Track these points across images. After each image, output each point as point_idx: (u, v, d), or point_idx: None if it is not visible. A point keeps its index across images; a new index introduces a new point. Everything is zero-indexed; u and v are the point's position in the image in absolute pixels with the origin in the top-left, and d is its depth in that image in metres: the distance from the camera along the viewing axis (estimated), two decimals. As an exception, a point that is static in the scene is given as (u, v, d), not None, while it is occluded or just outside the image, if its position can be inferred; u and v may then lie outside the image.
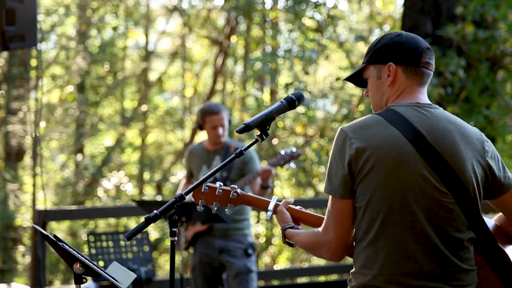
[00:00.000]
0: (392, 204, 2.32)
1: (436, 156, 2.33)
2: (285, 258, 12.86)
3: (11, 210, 10.58)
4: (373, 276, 2.34)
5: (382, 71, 2.46)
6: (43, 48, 11.45)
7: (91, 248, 5.42)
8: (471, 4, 8.69)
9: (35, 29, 4.96)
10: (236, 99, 13.66)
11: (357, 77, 2.58)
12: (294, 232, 2.59)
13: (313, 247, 2.49)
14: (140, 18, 13.98)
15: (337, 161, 2.38)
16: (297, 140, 12.13)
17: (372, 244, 2.35)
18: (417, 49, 2.43)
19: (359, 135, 2.35)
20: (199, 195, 2.74)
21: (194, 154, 5.28)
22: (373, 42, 2.53)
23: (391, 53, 2.44)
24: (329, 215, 2.41)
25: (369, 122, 2.38)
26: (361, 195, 2.34)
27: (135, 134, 14.34)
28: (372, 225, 2.34)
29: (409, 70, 2.44)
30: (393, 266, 2.32)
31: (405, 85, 2.45)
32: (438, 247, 2.33)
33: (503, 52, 8.95)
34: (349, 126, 2.40)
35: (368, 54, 2.51)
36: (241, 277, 5.09)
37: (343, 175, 2.35)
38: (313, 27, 11.11)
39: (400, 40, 2.44)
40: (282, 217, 2.67)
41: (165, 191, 13.26)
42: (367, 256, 2.36)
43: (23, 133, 10.78)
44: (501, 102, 9.20)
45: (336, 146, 2.40)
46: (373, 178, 2.32)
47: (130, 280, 2.66)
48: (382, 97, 2.48)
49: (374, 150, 2.32)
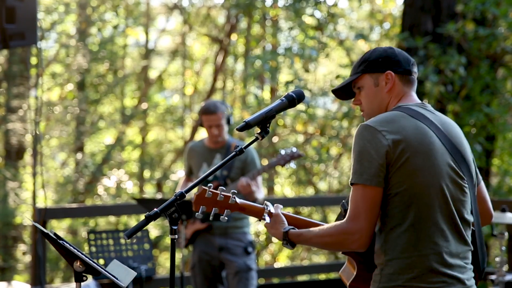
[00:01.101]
0: (429, 189, 2.52)
1: (454, 146, 2.60)
2: (285, 256, 12.86)
3: (12, 208, 10.57)
4: (417, 257, 2.51)
5: (380, 79, 2.68)
6: (43, 46, 11.44)
7: (91, 246, 5.42)
8: (471, 2, 8.69)
9: (35, 27, 4.96)
10: (236, 97, 13.66)
11: (346, 87, 2.76)
12: (301, 231, 2.67)
13: (339, 239, 2.54)
14: (140, 16, 13.97)
15: (371, 152, 2.50)
16: (297, 138, 12.13)
17: (413, 228, 2.51)
18: (409, 61, 2.71)
19: (389, 128, 2.53)
20: (200, 202, 2.75)
21: (194, 151, 5.28)
22: (364, 55, 2.73)
23: (388, 62, 2.68)
24: (358, 204, 2.50)
25: (393, 116, 2.58)
26: (397, 182, 2.50)
27: (135, 132, 14.33)
28: (410, 209, 2.51)
29: (404, 78, 2.69)
30: (434, 246, 2.51)
31: (403, 90, 2.69)
32: (460, 228, 2.57)
33: (503, 50, 8.95)
34: (374, 122, 2.56)
35: (363, 64, 2.70)
36: (241, 275, 5.10)
37: (380, 164, 2.49)
38: (313, 25, 11.10)
39: (393, 52, 2.70)
40: (279, 219, 2.75)
41: (165, 189, 13.26)
42: (407, 240, 2.51)
43: (23, 131, 10.78)
44: (502, 100, 9.20)
45: (364, 139, 2.52)
46: (410, 166, 2.50)
47: (131, 278, 2.66)
48: (381, 102, 2.69)
49: (408, 141, 2.51)
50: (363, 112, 2.74)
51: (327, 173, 12.20)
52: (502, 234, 4.74)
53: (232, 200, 2.75)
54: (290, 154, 4.95)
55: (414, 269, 2.50)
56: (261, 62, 10.52)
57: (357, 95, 2.74)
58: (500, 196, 9.12)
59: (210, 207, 2.75)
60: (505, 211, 4.69)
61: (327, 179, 12.52)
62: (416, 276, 2.50)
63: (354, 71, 2.72)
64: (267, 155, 11.19)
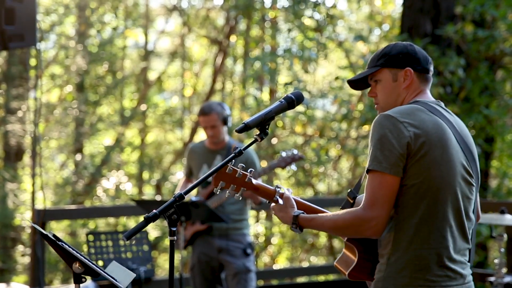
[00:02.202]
0: (444, 184, 2.56)
1: (466, 146, 2.66)
2: (285, 258, 12.86)
3: (11, 209, 10.57)
4: (426, 250, 2.55)
5: (399, 75, 2.72)
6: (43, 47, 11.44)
7: (90, 248, 5.42)
8: (470, 4, 8.69)
9: (35, 29, 4.95)
10: (235, 99, 13.66)
11: (362, 78, 2.79)
12: (314, 216, 2.68)
13: (355, 224, 2.54)
14: (139, 18, 13.97)
15: (392, 141, 2.52)
16: (297, 139, 12.13)
17: (424, 220, 2.55)
18: (427, 59, 2.75)
19: (410, 119, 2.56)
20: (220, 177, 2.72)
21: (195, 152, 5.28)
22: (385, 49, 2.77)
23: (408, 59, 2.72)
24: (375, 191, 2.52)
25: (413, 109, 2.62)
26: (415, 174, 2.53)
27: (135, 133, 14.33)
28: (424, 202, 2.55)
29: (421, 76, 2.74)
30: (442, 240, 2.56)
31: (419, 88, 2.74)
32: (465, 225, 2.62)
33: (502, 52, 8.95)
34: (394, 112, 2.58)
35: (382, 58, 2.73)
36: (239, 276, 5.10)
37: (401, 154, 2.52)
38: (313, 26, 11.11)
39: (413, 50, 2.74)
40: (290, 203, 2.74)
41: (164, 191, 13.26)
42: (418, 232, 2.55)
43: (22, 133, 10.78)
44: (501, 102, 9.20)
45: (386, 128, 2.54)
46: (428, 160, 2.54)
47: (129, 279, 2.66)
48: (398, 97, 2.73)
49: (428, 135, 2.55)
50: (377, 105, 2.78)
51: (326, 174, 12.20)
52: (501, 236, 4.74)
53: (248, 178, 2.72)
54: (291, 156, 4.96)
55: (422, 261, 2.54)
56: (260, 64, 10.53)
57: (373, 88, 2.77)
58: (499, 198, 9.12)
59: (228, 184, 2.72)
60: (504, 213, 4.69)
61: (326, 181, 12.53)
62: (423, 268, 2.54)
63: (373, 64, 2.75)
64: (266, 156, 11.20)
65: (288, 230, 12.49)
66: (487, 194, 9.23)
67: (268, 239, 12.42)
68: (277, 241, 12.58)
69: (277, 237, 12.56)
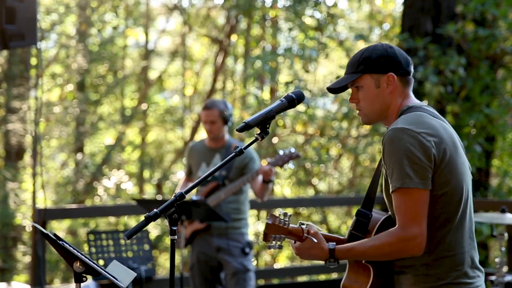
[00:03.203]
0: (464, 187, 2.57)
1: (462, 146, 2.65)
2: (285, 257, 12.86)
3: (11, 208, 10.57)
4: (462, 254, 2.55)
5: (381, 80, 2.64)
6: (43, 46, 11.44)
7: (91, 247, 5.42)
8: (471, 3, 8.69)
9: (35, 28, 4.95)
10: (236, 98, 13.66)
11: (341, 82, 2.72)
12: (351, 246, 2.58)
13: (400, 247, 2.49)
14: (140, 17, 13.97)
15: (418, 155, 2.48)
16: (297, 138, 12.13)
17: (457, 225, 2.55)
18: (408, 61, 2.68)
19: (424, 129, 2.52)
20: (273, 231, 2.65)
21: (194, 150, 5.29)
22: (364, 52, 2.68)
23: (390, 64, 2.64)
24: (414, 208, 2.47)
25: (419, 117, 2.57)
26: (443, 182, 2.51)
27: (135, 132, 14.33)
28: (454, 208, 2.54)
29: (404, 79, 2.68)
30: (471, 242, 2.59)
31: (403, 92, 2.68)
32: (473, 226, 2.65)
33: (503, 51, 8.95)
34: (407, 124, 2.52)
35: (362, 64, 2.65)
36: (238, 276, 5.09)
37: (429, 166, 2.49)
38: (313, 25, 11.10)
39: (394, 53, 2.66)
40: (321, 237, 2.63)
41: (165, 190, 13.26)
42: (453, 237, 2.55)
43: (23, 132, 10.78)
44: (501, 101, 9.20)
45: (407, 142, 2.48)
46: (451, 166, 2.53)
47: (130, 278, 2.66)
48: (383, 103, 2.66)
49: (444, 140, 2.54)
50: (360, 112, 2.70)
51: (327, 173, 12.20)
52: (501, 235, 4.74)
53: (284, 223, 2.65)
54: (289, 155, 4.93)
55: (460, 266, 2.54)
56: (261, 63, 10.52)
57: (354, 93, 2.69)
58: (499, 197, 9.12)
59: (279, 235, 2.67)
60: (505, 212, 4.69)
61: (326, 180, 12.52)
62: (463, 273, 2.54)
63: (353, 69, 2.67)
64: (267, 155, 11.19)
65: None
66: (488, 193, 9.23)
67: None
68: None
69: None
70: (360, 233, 2.64)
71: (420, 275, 2.55)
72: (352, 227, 2.66)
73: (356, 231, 2.65)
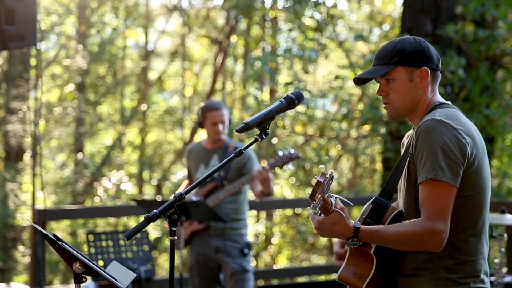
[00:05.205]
0: (488, 192, 2.52)
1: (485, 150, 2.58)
2: (285, 258, 12.86)
3: (11, 209, 10.57)
4: (481, 260, 2.51)
5: (415, 74, 2.57)
6: (43, 47, 11.44)
7: (90, 248, 5.42)
8: (471, 3, 8.69)
9: (35, 29, 4.95)
10: (236, 99, 13.66)
11: None
12: (377, 228, 2.47)
13: (424, 238, 2.41)
14: (139, 18, 13.97)
15: (454, 151, 2.42)
16: (297, 139, 12.13)
17: (479, 231, 2.50)
18: (438, 57, 2.62)
19: (461, 126, 2.47)
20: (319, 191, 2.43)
21: (192, 153, 5.28)
22: (397, 44, 2.59)
23: (424, 57, 2.57)
24: (441, 202, 2.41)
25: (456, 114, 2.52)
26: (471, 184, 2.46)
27: (135, 133, 14.33)
28: (478, 212, 2.50)
29: (434, 75, 2.62)
30: (487, 248, 2.55)
31: (433, 88, 2.62)
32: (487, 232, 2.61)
33: (503, 52, 8.95)
34: (446, 118, 2.46)
35: (396, 56, 2.56)
36: (237, 277, 5.09)
37: (462, 164, 2.43)
38: (313, 26, 11.10)
39: (428, 47, 2.59)
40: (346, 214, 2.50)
41: (164, 191, 13.26)
42: (474, 243, 2.50)
43: (22, 133, 10.78)
44: (501, 102, 9.20)
45: (444, 135, 2.42)
46: (479, 168, 2.48)
47: (130, 279, 2.66)
48: (414, 98, 2.58)
49: (476, 141, 2.49)
50: (389, 105, 2.61)
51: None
52: (501, 235, 4.74)
53: None
54: (288, 156, 4.92)
55: (479, 272, 2.51)
56: (261, 64, 10.53)
57: (383, 86, 2.60)
58: (499, 198, 9.12)
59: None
60: (504, 213, 4.68)
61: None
62: (480, 280, 2.50)
63: (385, 61, 2.58)
64: (267, 156, 11.19)
65: (288, 229, 12.49)
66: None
67: (268, 239, 12.41)
68: (277, 241, 12.57)
69: (278, 237, 12.56)
70: (375, 221, 2.53)
71: (440, 279, 2.49)
72: (367, 214, 2.55)
73: (370, 219, 2.54)
